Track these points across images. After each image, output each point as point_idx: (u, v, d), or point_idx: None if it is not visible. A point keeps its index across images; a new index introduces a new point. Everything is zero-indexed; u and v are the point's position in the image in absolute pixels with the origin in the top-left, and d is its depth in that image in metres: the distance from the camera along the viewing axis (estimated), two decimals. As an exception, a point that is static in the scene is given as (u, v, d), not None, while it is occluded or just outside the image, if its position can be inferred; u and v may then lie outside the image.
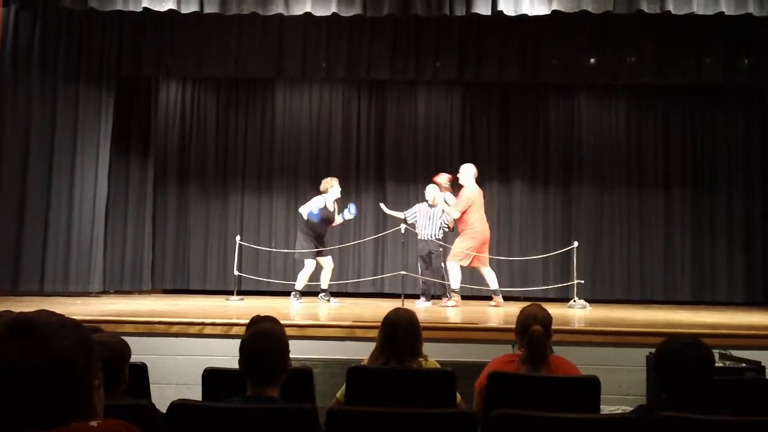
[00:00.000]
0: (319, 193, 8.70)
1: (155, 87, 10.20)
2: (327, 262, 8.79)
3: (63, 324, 1.33)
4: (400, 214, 8.92)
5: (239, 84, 10.59)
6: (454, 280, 8.37)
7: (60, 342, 1.29)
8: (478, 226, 8.38)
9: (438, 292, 8.79)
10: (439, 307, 8.11)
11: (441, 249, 8.72)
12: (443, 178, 8.70)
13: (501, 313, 7.63)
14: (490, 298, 8.54)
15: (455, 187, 8.72)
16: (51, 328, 1.30)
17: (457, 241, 8.45)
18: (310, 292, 8.86)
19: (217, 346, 5.80)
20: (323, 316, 7.10)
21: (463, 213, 8.37)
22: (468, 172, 8.58)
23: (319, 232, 8.65)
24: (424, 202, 8.78)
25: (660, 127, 10.43)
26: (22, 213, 8.60)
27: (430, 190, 8.75)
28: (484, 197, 8.67)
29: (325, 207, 8.59)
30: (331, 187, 8.66)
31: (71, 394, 1.29)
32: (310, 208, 8.49)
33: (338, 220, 8.81)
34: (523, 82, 9.93)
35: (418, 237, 8.67)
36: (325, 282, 8.76)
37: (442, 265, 8.68)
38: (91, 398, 1.34)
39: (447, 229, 8.76)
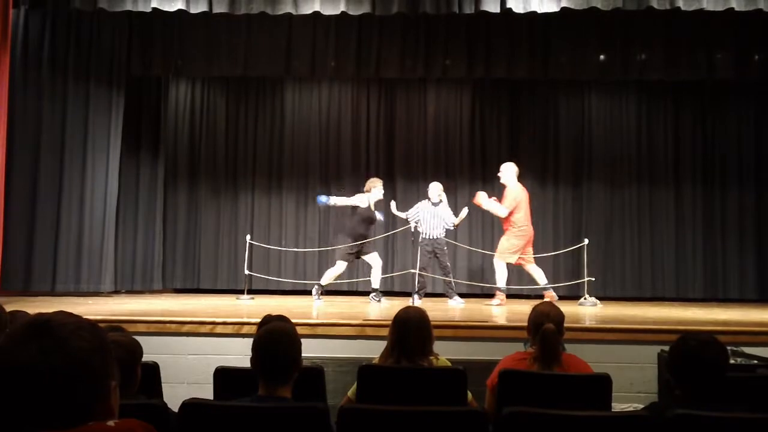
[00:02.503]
0: (362, 192, 8.84)
1: (165, 86, 10.22)
2: (374, 261, 8.77)
3: (80, 325, 1.34)
4: (402, 215, 8.91)
5: (248, 83, 10.61)
6: (501, 278, 8.39)
7: (77, 343, 1.29)
8: (524, 224, 8.39)
9: (440, 291, 8.79)
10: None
11: (446, 248, 8.72)
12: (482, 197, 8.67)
13: (514, 311, 7.61)
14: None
15: (497, 189, 8.75)
16: (68, 329, 1.31)
17: (503, 239, 8.47)
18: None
19: (228, 345, 5.81)
20: (334, 315, 7.09)
21: (510, 212, 8.36)
22: (510, 171, 8.58)
23: (361, 233, 8.64)
24: (426, 200, 8.77)
25: (670, 123, 10.39)
26: (34, 213, 8.64)
27: (434, 189, 8.73)
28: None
29: (368, 206, 8.65)
30: (375, 187, 8.72)
31: (88, 394, 1.30)
32: (335, 199, 8.68)
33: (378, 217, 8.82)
34: (533, 79, 9.90)
35: (422, 236, 8.64)
36: (376, 281, 8.74)
37: (448, 263, 8.69)
38: (108, 399, 1.35)
39: (452, 228, 8.76)
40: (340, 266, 8.66)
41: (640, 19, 8.59)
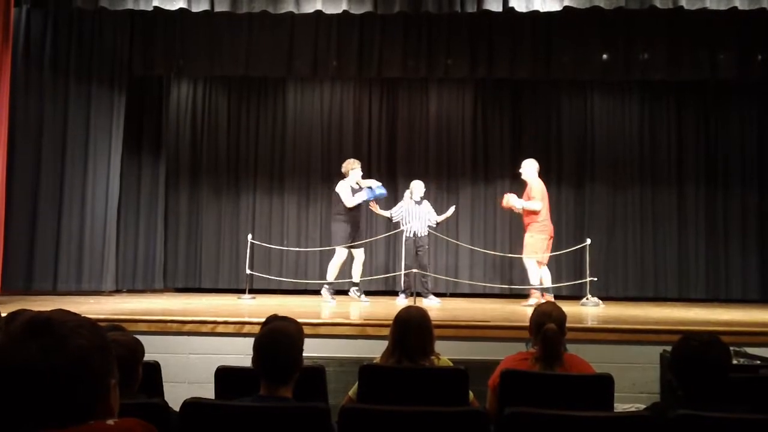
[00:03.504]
0: (342, 178, 8.63)
1: (167, 86, 10.21)
2: (358, 253, 8.67)
3: (80, 324, 1.33)
4: (386, 213, 8.88)
5: (250, 83, 10.60)
6: (534, 277, 8.24)
7: (77, 341, 1.29)
8: (547, 220, 8.32)
9: (418, 290, 8.74)
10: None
11: (428, 247, 8.72)
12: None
13: (515, 311, 7.60)
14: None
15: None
16: (68, 328, 1.30)
17: (528, 237, 8.31)
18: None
19: (229, 344, 5.80)
20: (335, 315, 7.09)
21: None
22: (531, 167, 8.50)
23: (354, 217, 8.53)
24: (409, 199, 8.74)
25: (673, 123, 10.38)
26: (35, 212, 8.64)
27: (417, 187, 8.72)
28: (495, 195, 8.65)
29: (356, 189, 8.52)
30: (352, 169, 8.56)
31: (88, 393, 1.30)
32: (354, 196, 8.39)
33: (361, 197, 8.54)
34: (535, 79, 9.89)
35: (406, 234, 8.62)
36: (356, 275, 8.64)
37: (427, 263, 8.71)
38: (108, 397, 1.34)
39: (435, 225, 8.76)
40: (341, 254, 8.49)
41: (642, 19, 8.58)
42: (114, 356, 1.38)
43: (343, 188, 8.51)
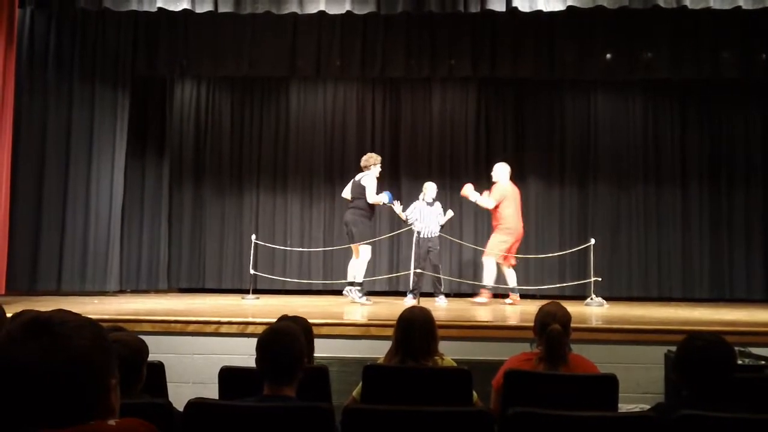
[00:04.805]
0: (359, 170, 8.50)
1: (170, 87, 10.23)
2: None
3: (80, 323, 1.33)
4: (403, 215, 8.85)
5: (254, 83, 10.61)
6: (489, 277, 8.32)
7: (78, 341, 1.29)
8: (512, 222, 8.36)
9: (430, 290, 8.73)
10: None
11: (438, 247, 8.70)
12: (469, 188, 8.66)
13: (518, 311, 7.61)
14: (507, 296, 8.51)
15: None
16: (69, 327, 1.30)
17: (493, 236, 8.46)
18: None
19: (233, 344, 5.81)
20: (339, 315, 7.08)
21: (497, 207, 8.35)
22: (502, 170, 8.61)
23: (373, 212, 8.45)
24: (421, 201, 8.73)
25: (677, 123, 10.36)
26: (39, 213, 8.66)
27: (431, 188, 8.72)
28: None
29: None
30: (374, 165, 8.40)
31: (89, 392, 1.30)
32: (378, 195, 8.27)
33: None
34: (538, 79, 9.87)
35: (420, 235, 8.60)
36: (360, 275, 8.52)
37: (439, 263, 8.71)
38: (109, 397, 1.34)
39: (440, 227, 8.75)
40: (367, 252, 8.30)
41: (646, 18, 8.56)
42: (115, 356, 1.38)
43: (369, 183, 8.26)
